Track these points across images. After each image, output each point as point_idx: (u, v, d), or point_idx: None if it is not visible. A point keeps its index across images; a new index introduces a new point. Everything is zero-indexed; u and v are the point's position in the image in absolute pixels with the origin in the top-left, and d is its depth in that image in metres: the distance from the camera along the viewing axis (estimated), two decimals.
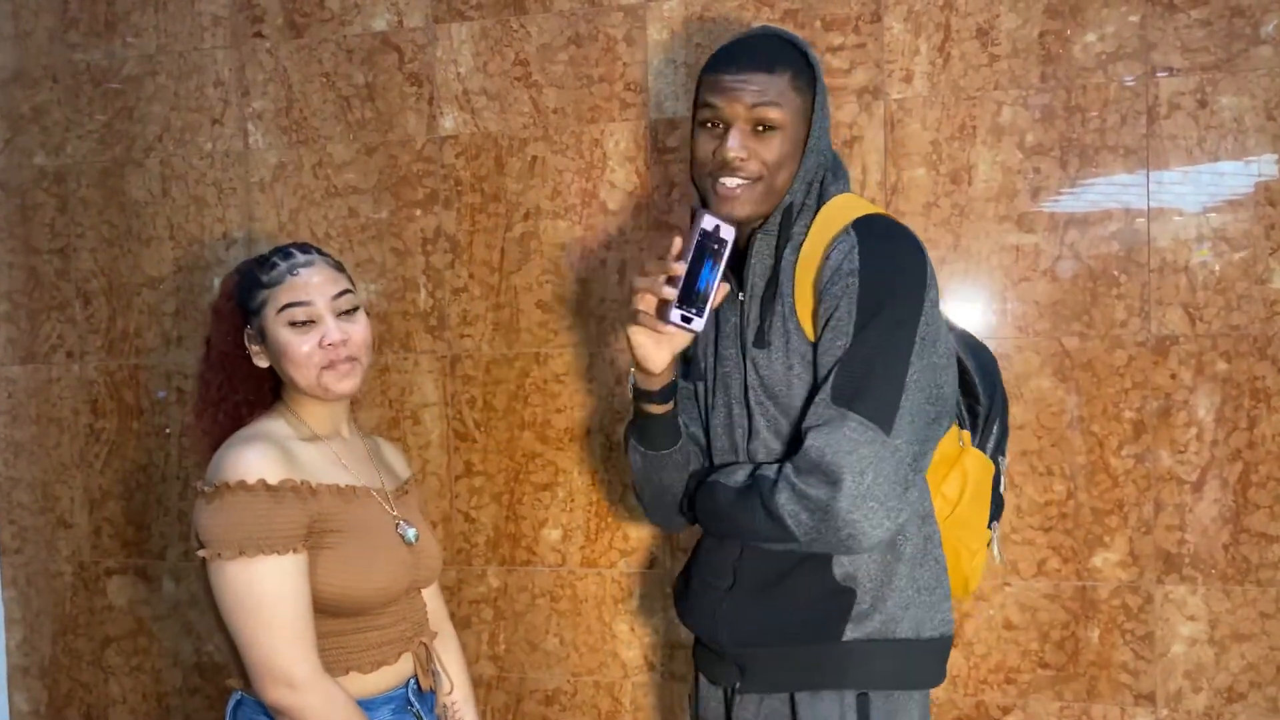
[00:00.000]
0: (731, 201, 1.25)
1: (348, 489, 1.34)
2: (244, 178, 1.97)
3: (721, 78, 1.25)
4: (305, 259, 1.35)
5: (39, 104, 2.07)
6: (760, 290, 1.30)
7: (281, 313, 1.32)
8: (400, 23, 1.87)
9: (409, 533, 1.38)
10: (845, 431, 1.17)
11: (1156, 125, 1.59)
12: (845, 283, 1.21)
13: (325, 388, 1.33)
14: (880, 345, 1.19)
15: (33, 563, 2.13)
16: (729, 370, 1.33)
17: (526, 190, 1.83)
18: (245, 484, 1.24)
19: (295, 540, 1.24)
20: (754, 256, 1.30)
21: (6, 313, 2.11)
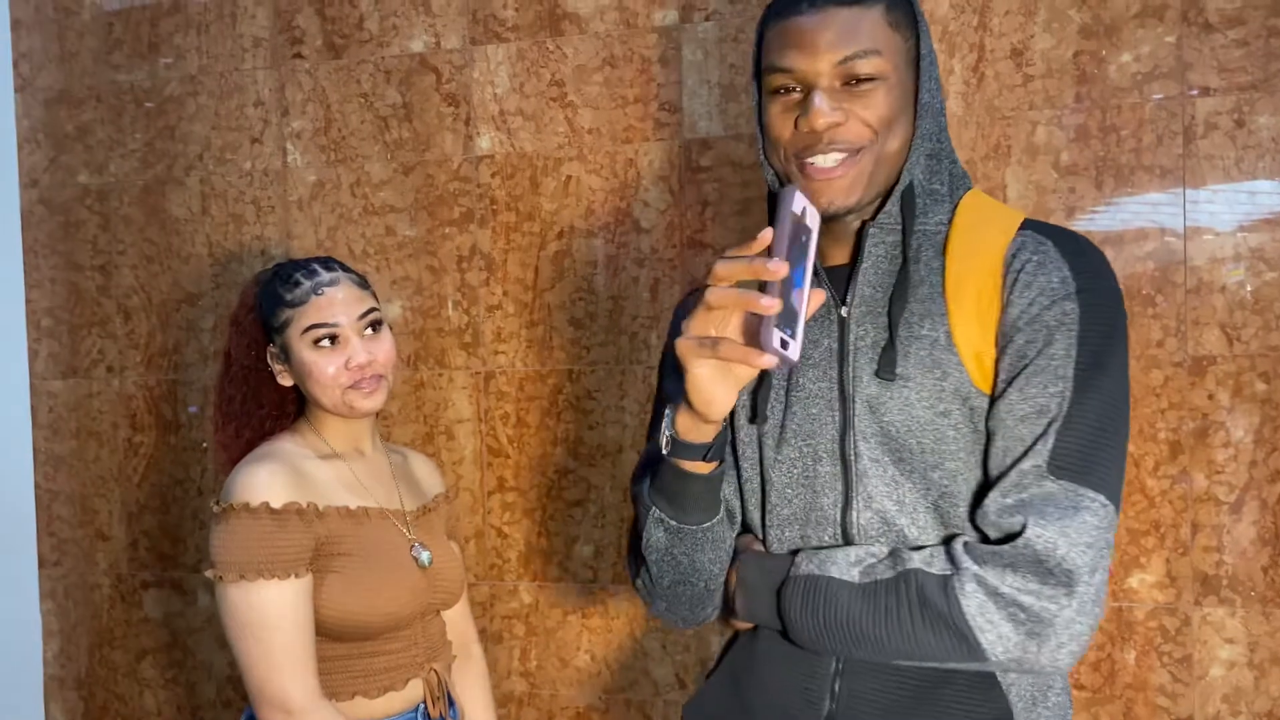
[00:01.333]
0: (831, 186, 0.94)
1: (359, 511, 1.32)
2: (282, 196, 2.00)
3: (792, 25, 0.94)
4: (330, 277, 1.34)
5: (83, 123, 2.11)
6: (878, 303, 0.98)
7: (306, 334, 1.31)
8: (438, 44, 1.90)
9: (423, 556, 1.35)
10: (1085, 518, 0.86)
11: (1193, 145, 1.58)
12: (1059, 309, 0.91)
13: (350, 406, 1.32)
14: (1111, 399, 0.90)
15: (70, 575, 2.16)
16: (816, 412, 0.99)
17: (561, 209, 1.85)
18: (249, 506, 1.23)
19: (297, 564, 1.23)
20: (866, 258, 0.98)
21: (49, 328, 2.15)
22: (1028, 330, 0.91)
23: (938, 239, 0.98)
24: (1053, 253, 0.94)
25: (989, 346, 0.94)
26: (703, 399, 0.85)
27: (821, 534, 0.99)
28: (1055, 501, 0.87)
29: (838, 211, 0.95)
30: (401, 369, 1.93)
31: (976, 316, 0.94)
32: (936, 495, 0.95)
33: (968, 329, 0.94)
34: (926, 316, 0.96)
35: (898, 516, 0.96)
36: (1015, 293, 0.93)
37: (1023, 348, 0.91)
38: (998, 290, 0.94)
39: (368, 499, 1.36)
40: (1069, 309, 0.91)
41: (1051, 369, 0.90)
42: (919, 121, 0.98)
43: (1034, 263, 0.93)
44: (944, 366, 0.94)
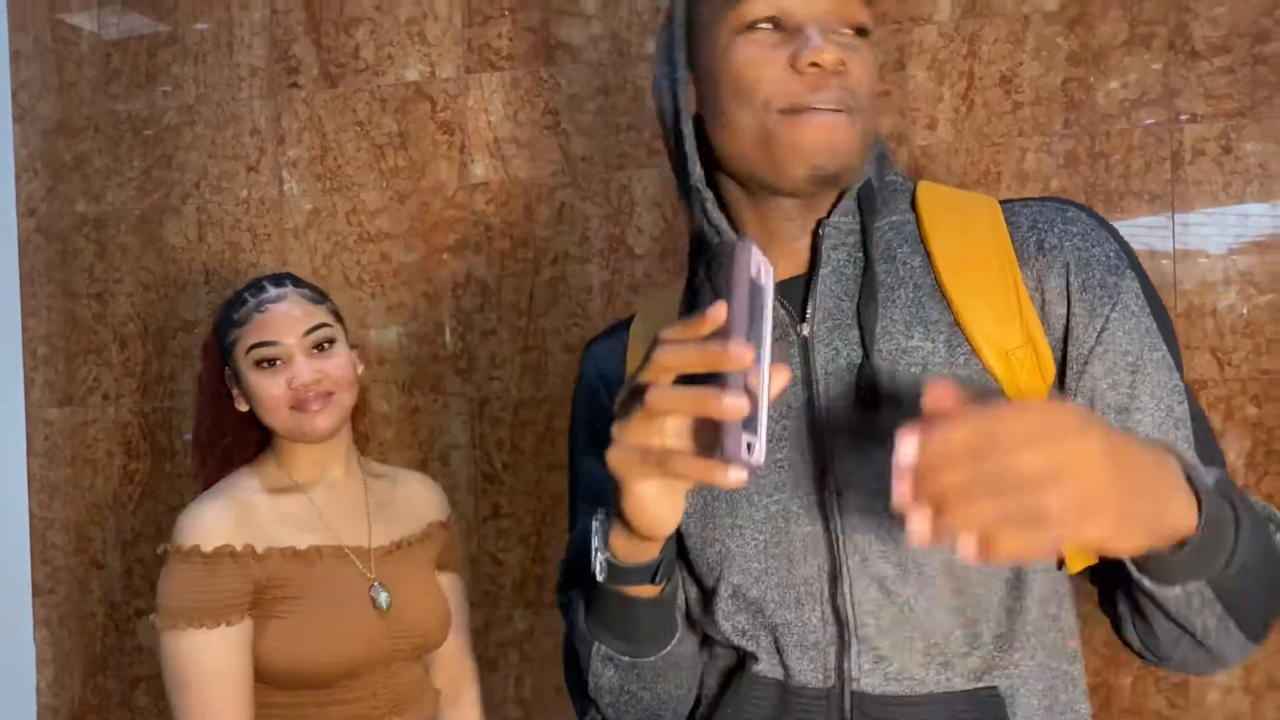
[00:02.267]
0: (836, 139, 0.76)
1: (310, 551, 1.24)
2: (278, 224, 2.01)
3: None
4: (276, 293, 1.27)
5: (81, 153, 2.13)
6: (846, 315, 0.79)
7: (249, 354, 1.24)
8: (433, 73, 1.92)
9: (380, 598, 1.25)
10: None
11: (1181, 170, 1.60)
12: (1131, 289, 0.76)
13: (300, 430, 1.24)
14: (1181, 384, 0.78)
15: (65, 603, 2.15)
16: (783, 459, 0.79)
17: (555, 236, 1.86)
18: (182, 550, 1.19)
19: (229, 612, 1.17)
20: (825, 262, 0.80)
21: (45, 356, 2.15)
22: (1119, 320, 0.75)
23: (907, 230, 0.81)
24: (1084, 219, 0.78)
25: (1016, 340, 0.76)
26: (645, 520, 0.67)
27: (805, 616, 0.79)
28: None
29: (835, 172, 0.77)
30: (396, 395, 1.94)
31: (991, 309, 0.76)
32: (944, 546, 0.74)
33: (984, 327, 0.76)
34: (917, 324, 0.77)
35: (897, 582, 0.76)
36: (1076, 274, 0.76)
37: (1121, 345, 0.75)
38: (1014, 272, 0.77)
39: (324, 536, 1.27)
40: (1135, 286, 0.77)
41: (1161, 362, 0.76)
42: None
43: (1076, 235, 0.77)
44: (962, 375, 0.76)
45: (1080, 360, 0.76)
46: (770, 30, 0.76)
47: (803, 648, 0.79)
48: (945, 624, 0.77)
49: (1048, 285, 0.77)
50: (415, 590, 1.31)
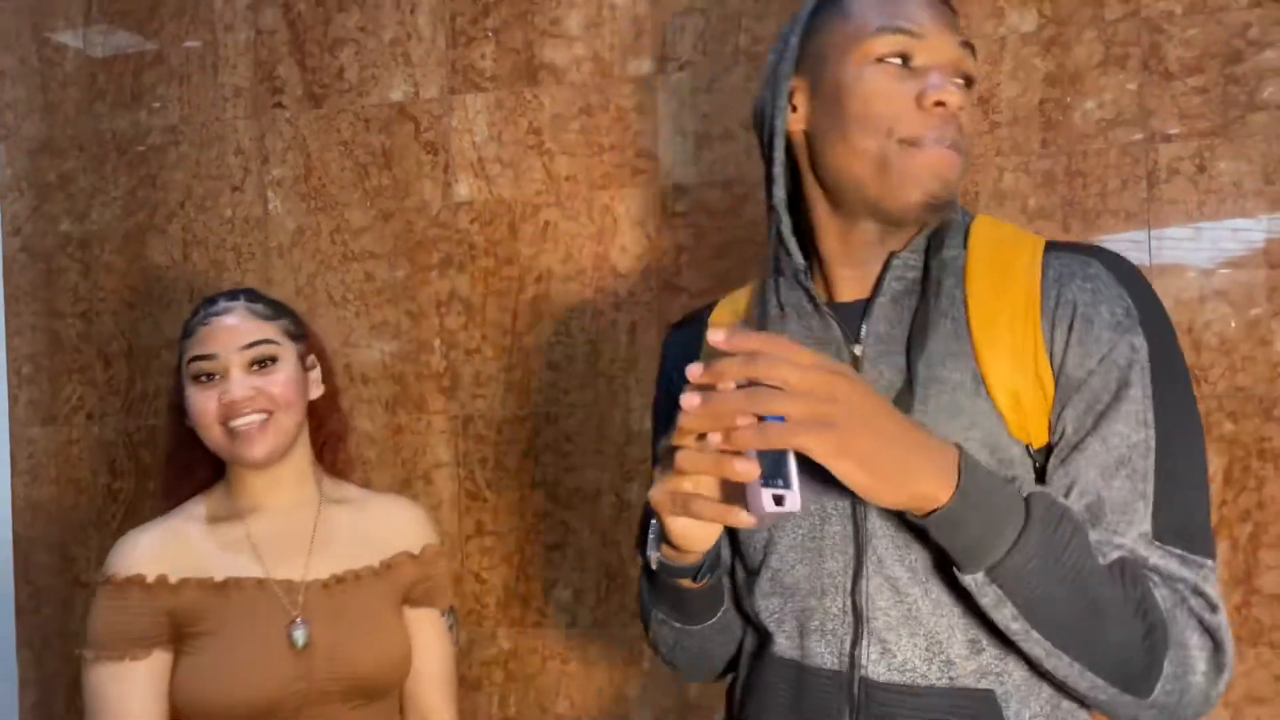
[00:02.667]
0: (945, 170, 0.84)
1: (228, 583, 1.17)
2: (263, 243, 2.01)
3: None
4: (224, 306, 1.23)
5: (65, 172, 2.13)
6: (895, 341, 0.87)
7: (188, 367, 1.21)
8: (417, 94, 1.93)
9: (297, 635, 1.17)
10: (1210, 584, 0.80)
11: (1157, 189, 1.61)
12: (1129, 344, 0.81)
13: (232, 451, 1.19)
14: (1193, 442, 0.82)
15: (49, 624, 2.14)
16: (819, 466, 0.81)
17: (539, 254, 1.87)
18: (101, 579, 1.17)
19: (135, 645, 1.13)
20: (884, 291, 0.89)
21: (29, 375, 2.15)
22: (1100, 372, 0.81)
23: (956, 265, 0.88)
24: (1105, 277, 0.83)
25: (1029, 384, 0.83)
26: (683, 543, 0.82)
27: (828, 604, 0.88)
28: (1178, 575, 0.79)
29: (946, 201, 0.85)
30: (380, 414, 1.94)
31: (1011, 352, 0.83)
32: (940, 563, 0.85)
33: (999, 367, 0.83)
34: (950, 355, 0.84)
35: (910, 586, 0.84)
36: (1077, 329, 0.82)
37: (1097, 392, 0.81)
38: (1035, 320, 0.83)
39: (250, 567, 1.20)
40: (1138, 344, 0.81)
41: (1132, 414, 0.80)
42: None
43: (1089, 291, 0.83)
44: (970, 414, 0.83)
45: (1060, 404, 0.83)
46: (899, 66, 0.85)
47: (821, 633, 0.89)
48: (948, 627, 0.85)
49: (1056, 335, 0.83)
50: (356, 627, 1.21)
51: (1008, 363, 0.83)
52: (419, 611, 1.32)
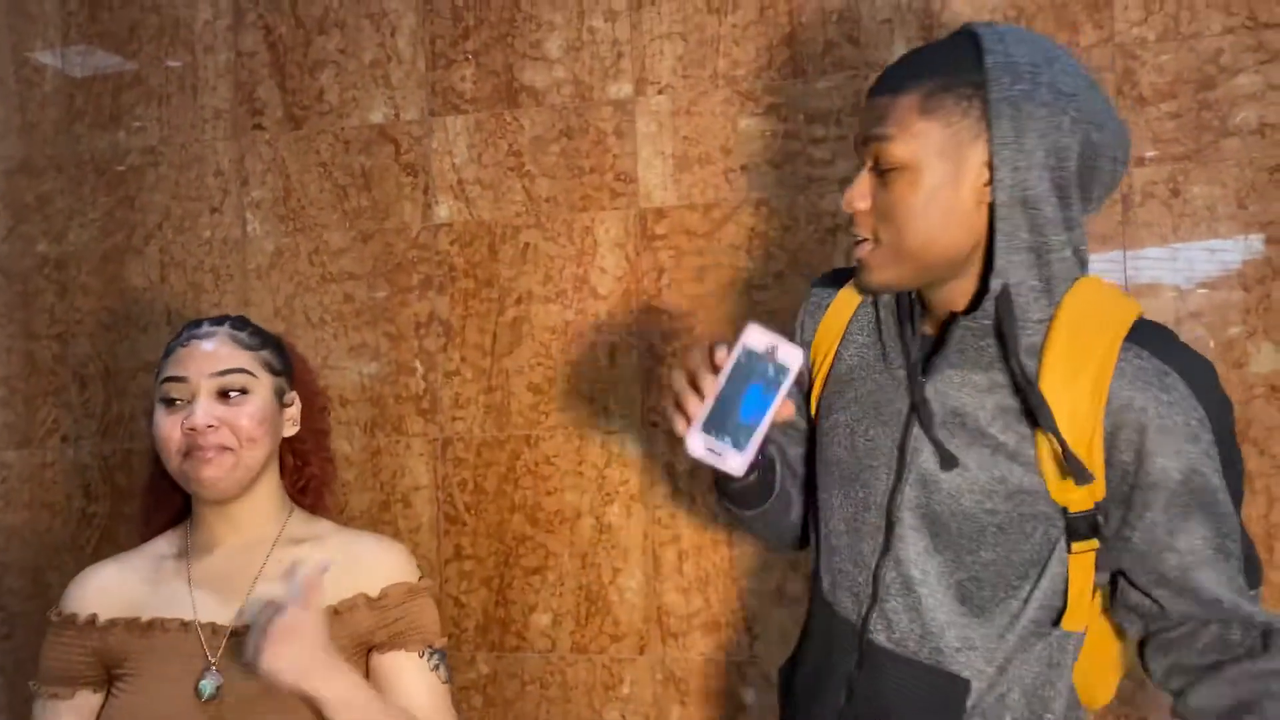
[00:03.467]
0: (861, 268, 1.02)
1: (153, 624, 1.13)
2: (241, 265, 2.00)
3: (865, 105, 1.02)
4: (206, 330, 1.20)
5: (43, 193, 2.12)
6: (962, 389, 1.01)
7: (160, 388, 1.17)
8: (397, 116, 1.93)
9: (203, 685, 1.09)
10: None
11: (1132, 212, 1.63)
12: (1205, 453, 0.94)
13: (187, 480, 1.15)
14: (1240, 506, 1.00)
15: (21, 650, 2.11)
16: (874, 464, 1.06)
17: (519, 276, 1.87)
18: (47, 615, 1.16)
19: (59, 682, 1.12)
20: (952, 343, 1.00)
21: (3, 397, 2.13)
22: (1183, 482, 0.95)
23: (1033, 340, 0.96)
24: (1180, 386, 0.94)
25: (1076, 447, 0.95)
26: None
27: (857, 575, 1.09)
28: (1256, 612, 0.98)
29: (868, 287, 1.03)
30: (358, 436, 1.93)
31: (1069, 428, 0.94)
32: (964, 576, 1.02)
33: (1052, 440, 0.95)
34: (1000, 420, 0.98)
35: (920, 585, 1.03)
36: (1151, 440, 0.94)
37: (1181, 499, 0.95)
38: (1099, 416, 0.94)
39: (180, 609, 1.14)
40: (1213, 454, 0.95)
41: (1218, 515, 0.96)
42: (998, 211, 0.93)
43: (1164, 403, 0.93)
44: (1003, 470, 0.97)
45: (1143, 505, 0.98)
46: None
47: (850, 592, 1.09)
48: (943, 625, 1.03)
49: (1122, 436, 0.95)
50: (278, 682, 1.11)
51: (1064, 430, 0.94)
52: (388, 656, 1.20)
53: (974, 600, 1.03)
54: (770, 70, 1.76)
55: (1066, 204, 0.95)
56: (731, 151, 1.77)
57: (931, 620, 1.03)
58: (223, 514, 1.19)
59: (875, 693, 1.05)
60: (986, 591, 1.02)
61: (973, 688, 1.02)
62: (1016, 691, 1.03)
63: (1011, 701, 1.03)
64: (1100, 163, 0.97)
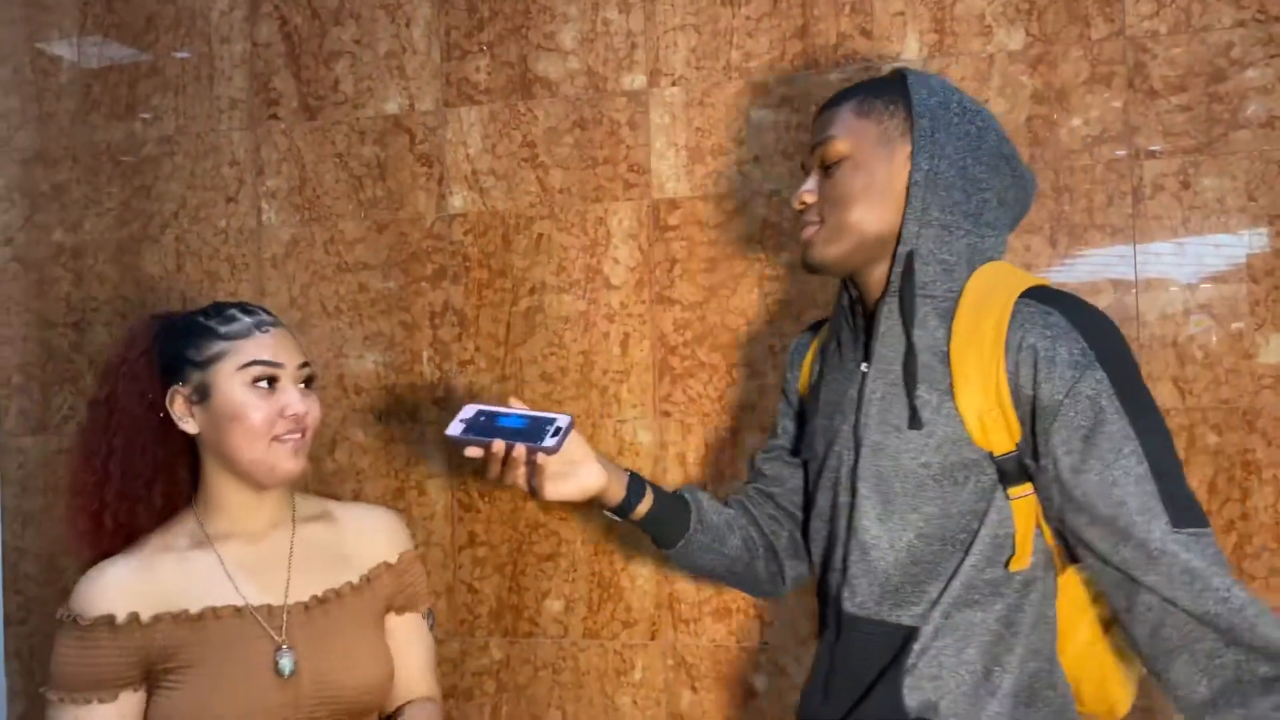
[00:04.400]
0: (805, 245, 1.17)
1: (204, 614, 1.13)
2: (257, 254, 2.02)
3: None
4: (271, 319, 1.21)
5: (59, 182, 2.13)
6: (891, 363, 1.12)
7: (244, 370, 1.15)
8: (411, 106, 1.94)
9: (283, 663, 1.14)
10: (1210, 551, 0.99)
11: (1142, 205, 1.64)
12: (1093, 377, 1.01)
13: (272, 466, 1.16)
14: (1163, 435, 1.02)
15: (36, 634, 2.13)
16: (838, 450, 1.18)
17: (532, 266, 1.89)
18: (63, 619, 1.12)
19: (101, 687, 1.09)
20: (881, 322, 1.13)
21: (20, 384, 2.15)
22: (1070, 404, 1.01)
23: (944, 306, 1.10)
24: (1062, 323, 1.03)
25: (993, 408, 1.06)
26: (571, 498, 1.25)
27: (831, 550, 1.20)
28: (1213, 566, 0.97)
29: (813, 264, 1.17)
30: (373, 424, 1.95)
31: (981, 384, 1.05)
32: (912, 535, 1.11)
33: (969, 393, 1.06)
34: (924, 381, 1.09)
35: (873, 549, 1.13)
36: (1041, 369, 1.02)
37: (1074, 421, 1.02)
38: (1000, 360, 1.04)
39: (226, 596, 1.15)
40: (1099, 377, 1.01)
41: (1116, 433, 1.00)
42: (913, 193, 1.10)
43: (1048, 337, 1.03)
44: (932, 426, 1.08)
45: (1043, 430, 1.05)
46: None
47: (833, 570, 1.20)
48: (896, 582, 1.13)
49: (1021, 373, 1.04)
50: (341, 648, 1.19)
51: (977, 392, 1.05)
52: (402, 618, 1.31)
53: (923, 557, 1.11)
54: (783, 62, 1.77)
55: (980, 199, 1.12)
56: (744, 143, 1.79)
57: (886, 580, 1.13)
58: (256, 500, 1.20)
59: (847, 656, 1.15)
60: (935, 546, 1.11)
61: (920, 633, 1.10)
62: (970, 644, 1.08)
63: (967, 655, 1.08)
64: (1001, 165, 1.15)
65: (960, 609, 1.09)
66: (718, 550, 1.30)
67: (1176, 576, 0.98)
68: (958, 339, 1.07)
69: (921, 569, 1.11)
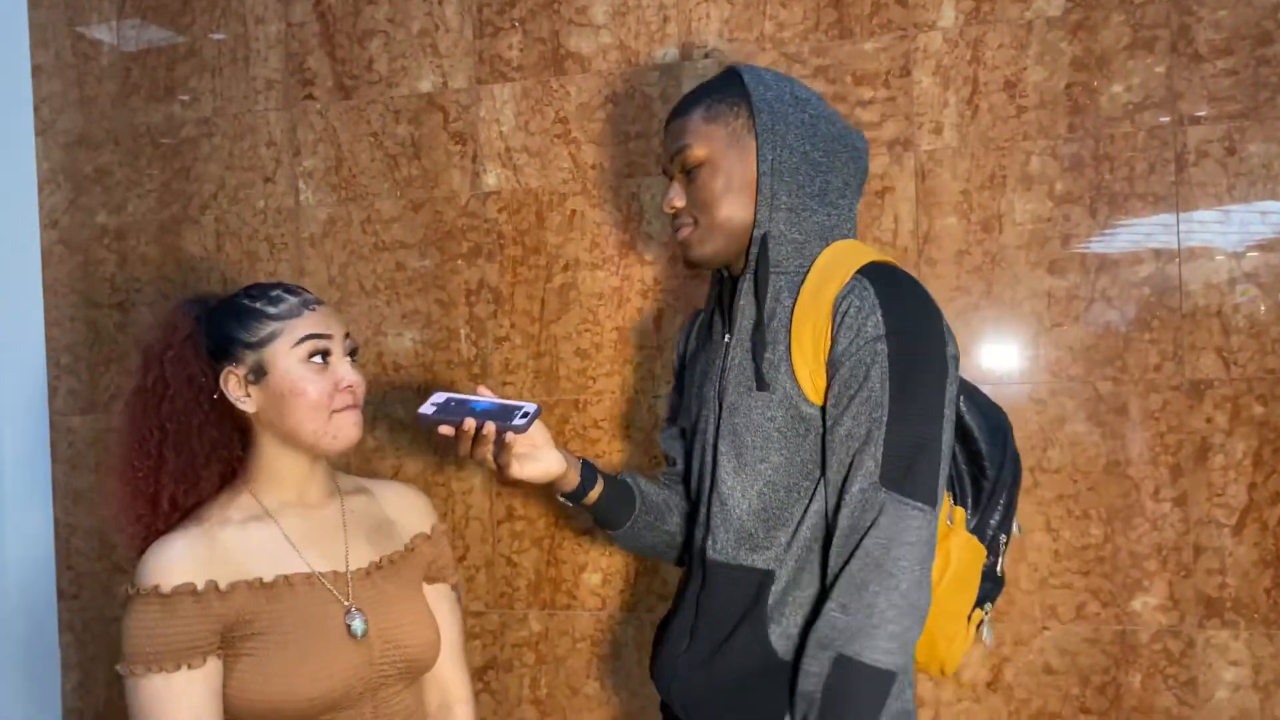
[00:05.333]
0: (685, 246, 1.28)
1: (277, 582, 1.18)
2: (295, 233, 2.04)
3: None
4: (313, 297, 1.25)
5: (101, 165, 2.17)
6: (748, 333, 1.25)
7: (300, 345, 1.19)
8: (445, 84, 1.95)
9: (355, 625, 1.19)
10: (909, 523, 1.11)
11: (1185, 172, 1.61)
12: (872, 348, 1.13)
13: (334, 435, 1.20)
14: (922, 416, 1.14)
15: (89, 609, 2.19)
16: (705, 413, 1.31)
17: (566, 243, 1.89)
18: (141, 592, 1.13)
19: (189, 654, 1.11)
20: (740, 298, 1.25)
21: (68, 365, 2.19)
22: (849, 365, 1.15)
23: (795, 281, 1.22)
24: (871, 297, 1.14)
25: (819, 369, 1.18)
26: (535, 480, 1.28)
27: (700, 507, 1.32)
28: (884, 510, 1.12)
29: (694, 263, 1.28)
30: (412, 401, 1.97)
31: (812, 346, 1.18)
32: (762, 484, 1.22)
33: (803, 355, 1.18)
34: (772, 344, 1.21)
35: (728, 499, 1.24)
36: (840, 332, 1.15)
37: (846, 380, 1.15)
38: (828, 327, 1.17)
39: (294, 564, 1.20)
40: (880, 349, 1.13)
41: (873, 399, 1.13)
42: (761, 182, 1.21)
43: (855, 306, 1.15)
44: (775, 383, 1.20)
45: (829, 381, 1.18)
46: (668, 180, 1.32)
47: (694, 521, 1.35)
48: (750, 528, 1.24)
49: (836, 337, 1.16)
50: (400, 610, 1.25)
51: (808, 353, 1.17)
52: (434, 588, 1.36)
53: (772, 505, 1.23)
54: (817, 32, 1.76)
55: (824, 180, 1.23)
56: None
57: (740, 527, 1.24)
58: (309, 472, 1.25)
59: (710, 601, 1.26)
60: (781, 494, 1.22)
61: (776, 576, 1.22)
62: (819, 589, 1.20)
63: (817, 598, 1.20)
64: (836, 145, 1.25)
65: (809, 553, 1.21)
66: (660, 528, 1.40)
67: (859, 518, 1.13)
68: (800, 308, 1.19)
69: (771, 515, 1.23)
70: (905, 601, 1.12)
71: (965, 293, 1.69)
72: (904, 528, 1.11)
